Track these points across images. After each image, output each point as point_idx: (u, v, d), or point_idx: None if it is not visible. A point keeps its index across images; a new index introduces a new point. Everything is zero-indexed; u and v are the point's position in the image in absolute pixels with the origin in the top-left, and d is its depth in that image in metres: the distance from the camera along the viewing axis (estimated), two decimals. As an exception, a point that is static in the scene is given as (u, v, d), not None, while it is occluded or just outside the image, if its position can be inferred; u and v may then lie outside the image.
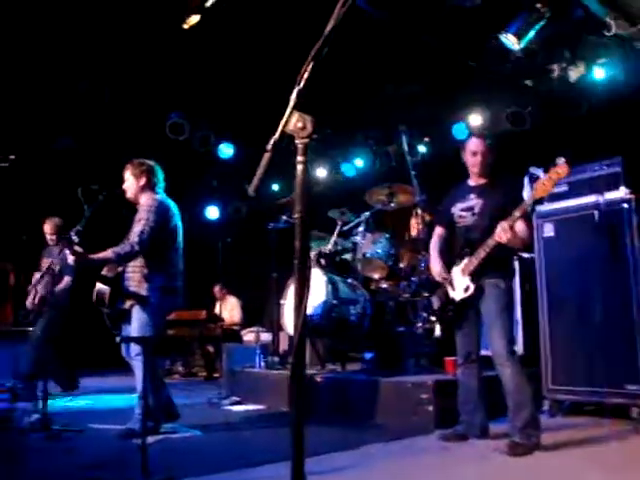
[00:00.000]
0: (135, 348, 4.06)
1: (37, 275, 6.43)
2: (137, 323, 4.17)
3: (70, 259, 4.14)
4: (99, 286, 4.29)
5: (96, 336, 6.54)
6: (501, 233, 3.53)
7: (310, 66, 1.52)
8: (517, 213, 3.53)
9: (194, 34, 6.16)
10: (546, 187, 3.47)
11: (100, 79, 7.30)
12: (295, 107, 1.54)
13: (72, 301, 6.36)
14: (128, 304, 4.26)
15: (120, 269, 4.30)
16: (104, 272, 4.38)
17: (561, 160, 3.44)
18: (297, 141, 1.55)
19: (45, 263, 6.35)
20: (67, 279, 6.31)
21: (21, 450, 3.80)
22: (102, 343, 6.52)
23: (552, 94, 6.89)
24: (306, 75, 1.53)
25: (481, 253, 3.68)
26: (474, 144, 3.97)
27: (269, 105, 1.58)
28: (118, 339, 3.69)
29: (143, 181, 4.42)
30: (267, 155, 1.55)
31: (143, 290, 4.20)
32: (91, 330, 6.64)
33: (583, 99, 6.65)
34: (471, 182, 4.06)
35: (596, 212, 4.57)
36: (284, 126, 1.54)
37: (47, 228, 6.43)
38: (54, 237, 6.44)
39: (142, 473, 2.75)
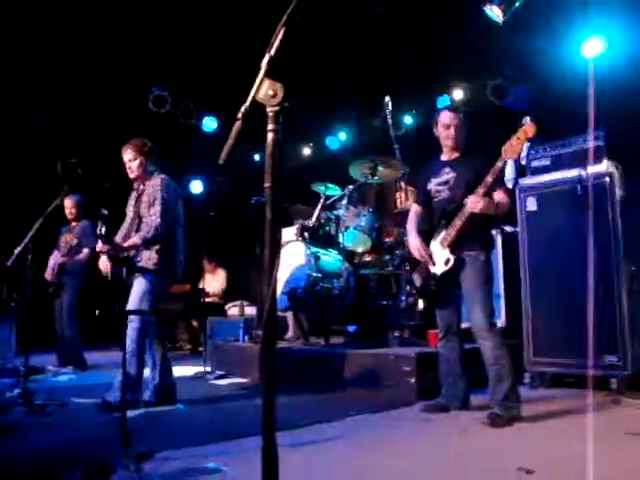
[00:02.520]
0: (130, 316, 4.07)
1: (56, 252, 6.51)
2: (135, 294, 4.19)
3: (102, 250, 4.12)
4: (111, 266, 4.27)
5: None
6: (473, 203, 3.52)
7: (281, 32, 1.48)
8: (489, 178, 3.53)
9: (176, 5, 6.05)
10: (514, 147, 3.46)
11: (79, 53, 7.15)
12: (266, 74, 1.50)
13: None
14: (135, 276, 4.27)
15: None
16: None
17: (527, 119, 3.43)
18: (268, 109, 1.52)
19: (65, 239, 6.43)
20: (86, 251, 6.44)
21: (1, 426, 3.77)
22: (87, 319, 6.56)
23: (537, 68, 6.85)
24: (277, 42, 1.49)
25: (457, 223, 3.67)
26: (447, 117, 3.93)
27: (254, 78, 1.55)
28: (97, 312, 3.66)
29: (151, 160, 4.44)
30: (238, 124, 1.52)
31: (151, 265, 4.22)
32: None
33: (568, 73, 6.61)
34: (444, 157, 4.04)
35: (579, 186, 4.58)
36: (255, 94, 1.51)
37: (68, 203, 6.42)
38: (74, 213, 6.48)
39: (122, 446, 2.74)
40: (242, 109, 1.52)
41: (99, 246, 4.12)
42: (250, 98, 1.51)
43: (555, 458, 2.85)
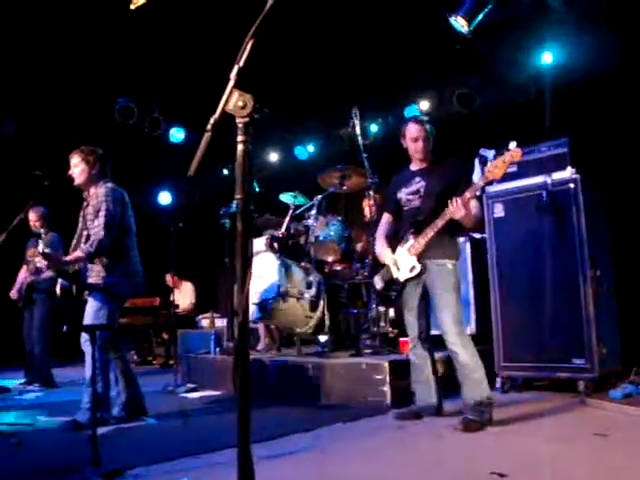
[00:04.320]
0: (85, 335, 3.98)
1: (24, 267, 6.37)
2: (90, 309, 4.11)
3: (41, 262, 4.06)
4: (62, 281, 4.21)
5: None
6: (454, 210, 3.55)
7: (250, 43, 1.48)
8: (468, 194, 3.56)
9: (142, 15, 6.00)
10: (499, 170, 3.50)
11: (46, 62, 7.06)
12: (235, 86, 1.50)
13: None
14: (87, 293, 4.18)
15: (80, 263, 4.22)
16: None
17: (513, 144, 3.48)
18: (237, 120, 1.51)
19: (31, 253, 6.28)
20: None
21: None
22: (55, 334, 6.45)
23: (501, 77, 6.97)
24: (246, 53, 1.49)
25: (429, 233, 3.70)
26: (415, 130, 3.96)
27: (221, 88, 1.54)
28: (65, 328, 3.60)
29: (96, 169, 4.30)
30: (207, 135, 1.51)
31: (102, 280, 4.14)
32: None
33: (532, 82, 6.73)
34: (413, 167, 4.07)
35: (544, 192, 4.66)
36: (224, 105, 1.50)
37: (32, 217, 6.27)
38: (38, 226, 6.34)
39: (92, 464, 2.69)
40: (211, 120, 1.52)
41: (37, 260, 4.05)
42: (219, 109, 1.51)
43: (527, 461, 2.89)
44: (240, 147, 1.50)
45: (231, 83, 1.50)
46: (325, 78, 7.35)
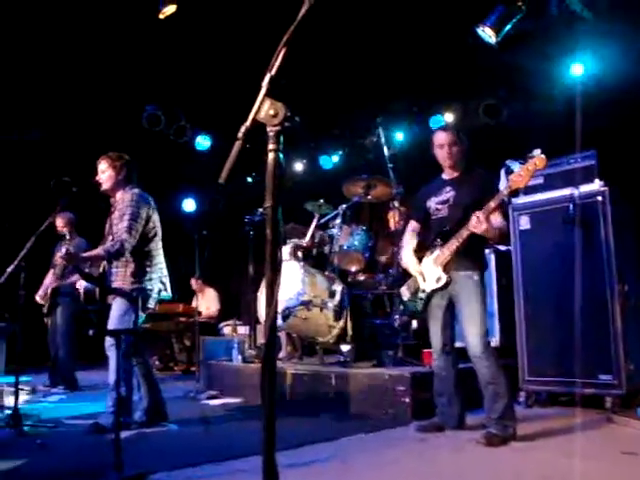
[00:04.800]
0: (109, 340, 4.01)
1: (51, 271, 6.47)
2: (115, 314, 4.14)
3: (62, 258, 4.11)
4: (85, 284, 4.26)
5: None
6: (476, 224, 3.53)
7: (282, 52, 1.49)
8: (492, 204, 3.54)
9: (170, 24, 6.08)
10: (523, 179, 3.47)
11: (76, 70, 7.17)
12: (267, 94, 1.51)
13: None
14: (111, 298, 4.23)
15: (104, 266, 4.26)
16: (87, 270, 4.35)
17: (537, 151, 3.44)
18: (269, 129, 1.52)
19: (58, 258, 6.40)
20: None
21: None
22: (80, 338, 6.53)
23: (529, 88, 6.92)
24: (278, 61, 1.50)
25: (454, 244, 3.68)
26: (440, 137, 3.97)
27: (247, 96, 1.55)
28: (91, 332, 3.64)
29: (122, 175, 4.36)
30: (238, 143, 1.51)
31: (127, 285, 4.16)
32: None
33: (560, 93, 6.67)
34: (445, 175, 4.06)
35: (571, 205, 4.60)
36: (256, 114, 1.51)
37: (60, 222, 6.37)
38: (65, 231, 6.42)
39: (115, 468, 2.70)
40: (242, 129, 1.52)
41: (58, 255, 4.10)
42: (251, 118, 1.51)
43: (551, 477, 2.84)
44: (271, 156, 1.50)
45: (263, 91, 1.51)
46: (351, 87, 7.36)
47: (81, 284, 4.31)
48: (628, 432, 3.79)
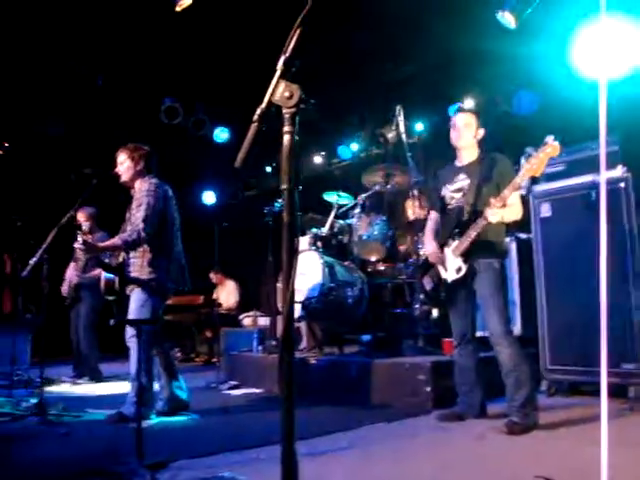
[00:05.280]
0: (130, 330, 4.05)
1: (72, 264, 6.55)
2: (134, 305, 4.17)
3: (79, 248, 4.16)
4: (105, 274, 4.30)
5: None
6: (492, 214, 3.50)
7: (297, 33, 1.48)
8: (506, 192, 3.50)
9: (186, 17, 6.09)
10: (537, 165, 3.42)
11: (93, 64, 7.23)
12: (282, 76, 1.50)
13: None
14: (129, 289, 4.26)
15: (122, 256, 4.30)
16: (107, 260, 4.39)
17: (550, 138, 3.39)
18: (284, 110, 1.51)
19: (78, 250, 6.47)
20: None
21: (17, 435, 3.79)
22: (103, 328, 6.59)
23: (549, 73, 6.81)
24: (293, 43, 1.48)
25: (471, 233, 3.65)
26: (456, 117, 3.95)
27: (265, 88, 1.55)
28: (112, 322, 3.67)
29: (140, 165, 4.38)
30: (254, 126, 1.51)
31: (145, 274, 4.19)
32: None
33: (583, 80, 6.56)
34: (458, 162, 4.01)
35: (593, 191, 4.54)
36: (271, 96, 1.50)
37: (81, 217, 6.43)
38: (87, 225, 6.47)
39: (137, 456, 2.73)
40: (258, 111, 1.52)
41: (75, 245, 4.13)
42: (266, 100, 1.51)
43: (573, 466, 2.81)
44: (286, 137, 1.50)
45: (278, 73, 1.51)
46: (370, 76, 7.33)
47: (99, 273, 4.35)
48: (652, 421, 3.74)
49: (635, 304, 4.25)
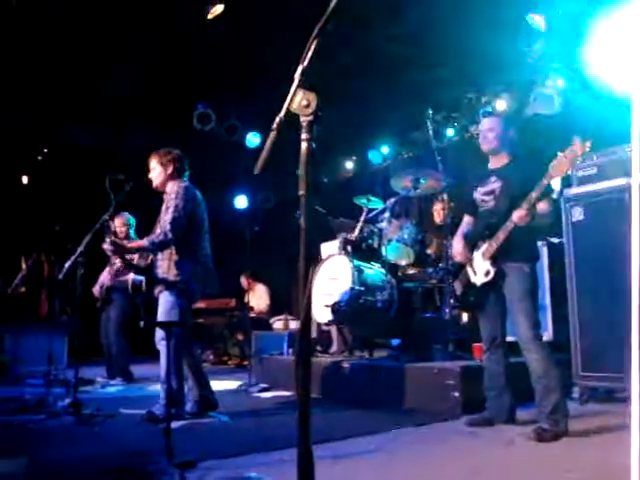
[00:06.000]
0: (159, 333, 4.12)
1: (107, 269, 6.71)
2: (163, 308, 4.23)
3: (108, 249, 4.25)
4: (133, 276, 4.39)
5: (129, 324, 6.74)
6: (518, 217, 3.48)
7: (314, 43, 1.51)
8: (534, 194, 3.47)
9: (218, 22, 6.18)
10: (563, 166, 3.38)
11: (124, 72, 7.36)
12: (300, 85, 1.54)
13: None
14: (157, 290, 4.33)
15: (151, 258, 4.38)
16: (135, 262, 4.48)
17: (577, 139, 3.36)
18: (302, 119, 1.55)
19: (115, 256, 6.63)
20: None
21: (51, 433, 3.89)
22: (133, 330, 6.72)
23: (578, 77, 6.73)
24: (310, 52, 1.52)
25: (500, 236, 3.63)
26: (484, 122, 3.99)
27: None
28: (142, 324, 3.74)
29: (170, 169, 4.45)
30: (273, 134, 1.55)
31: (172, 276, 4.24)
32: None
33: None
34: (491, 165, 4.00)
35: (627, 195, 4.46)
36: (289, 104, 1.54)
37: (118, 223, 6.59)
38: (124, 231, 6.62)
39: (166, 456, 2.79)
40: (277, 120, 1.56)
41: (104, 246, 4.22)
42: (284, 108, 1.55)
43: (602, 473, 2.78)
44: (304, 145, 1.54)
45: (295, 83, 1.55)
46: (399, 81, 7.32)
47: (130, 276, 4.43)
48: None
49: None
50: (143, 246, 4.27)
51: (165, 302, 4.23)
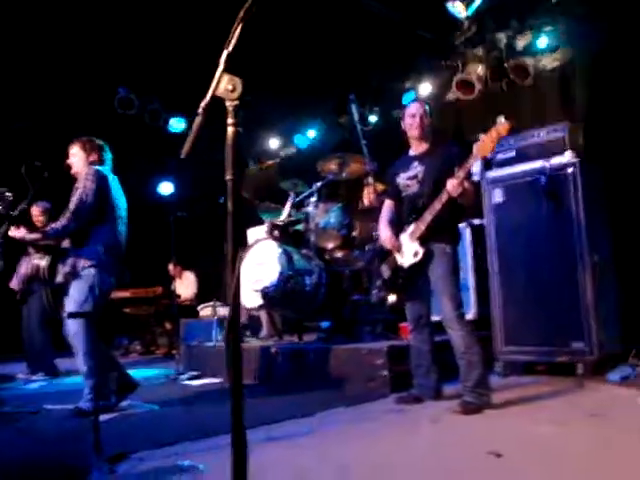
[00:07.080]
0: (71, 327, 3.98)
1: (25, 259, 6.40)
2: (72, 298, 4.07)
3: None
4: (35, 261, 4.22)
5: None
6: (453, 189, 3.56)
7: (239, 28, 1.50)
8: (461, 173, 3.56)
9: (142, 5, 6.01)
10: (487, 146, 3.49)
11: (47, 54, 7.06)
12: (225, 70, 1.53)
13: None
14: (62, 277, 4.12)
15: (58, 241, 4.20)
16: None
17: (501, 119, 3.47)
18: (227, 103, 1.54)
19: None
20: None
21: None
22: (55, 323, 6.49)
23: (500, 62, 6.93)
24: (234, 38, 1.51)
25: (427, 217, 3.72)
26: (412, 107, 4.03)
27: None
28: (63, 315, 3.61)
29: (93, 157, 4.31)
30: (198, 119, 1.54)
31: (79, 262, 4.08)
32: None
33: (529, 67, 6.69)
34: (412, 151, 4.09)
35: (543, 177, 4.66)
36: (214, 89, 1.53)
37: (35, 211, 6.29)
38: (42, 220, 6.31)
39: (94, 449, 2.73)
40: (202, 104, 1.55)
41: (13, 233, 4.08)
42: (210, 93, 1.54)
43: (523, 441, 2.93)
44: (230, 130, 1.53)
45: (220, 67, 1.53)
46: (325, 65, 7.34)
47: (40, 263, 4.22)
48: (598, 396, 3.88)
49: (583, 285, 4.40)
50: (46, 234, 4.10)
51: (75, 292, 4.06)
